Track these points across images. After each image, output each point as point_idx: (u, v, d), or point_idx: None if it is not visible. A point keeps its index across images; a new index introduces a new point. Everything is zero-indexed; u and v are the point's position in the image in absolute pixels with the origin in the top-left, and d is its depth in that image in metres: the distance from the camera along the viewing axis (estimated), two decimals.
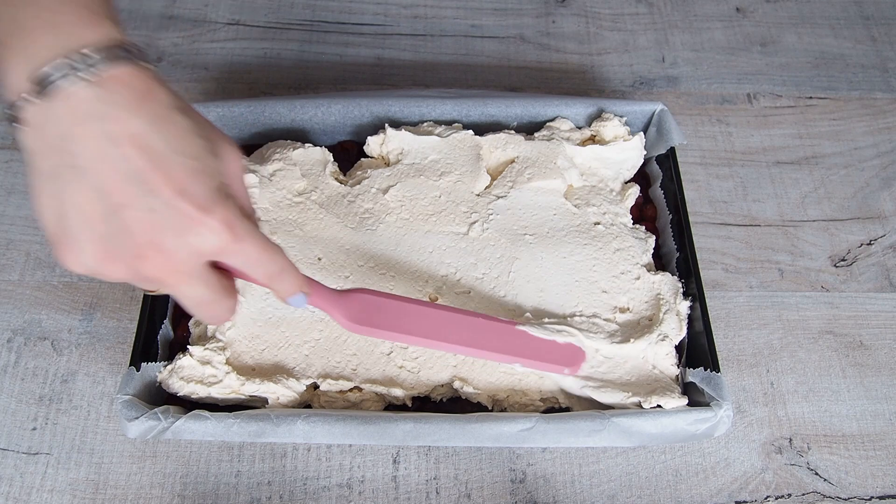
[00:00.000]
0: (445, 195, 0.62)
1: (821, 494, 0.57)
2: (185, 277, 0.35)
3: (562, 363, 0.53)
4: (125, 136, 0.32)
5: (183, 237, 0.33)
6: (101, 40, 0.32)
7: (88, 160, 0.32)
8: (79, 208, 0.32)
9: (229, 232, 0.34)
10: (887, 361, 0.63)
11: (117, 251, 0.33)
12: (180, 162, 0.33)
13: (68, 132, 0.32)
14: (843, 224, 0.70)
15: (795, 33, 0.83)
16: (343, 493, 0.56)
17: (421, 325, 0.51)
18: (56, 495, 0.55)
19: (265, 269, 0.38)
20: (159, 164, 0.32)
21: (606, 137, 0.64)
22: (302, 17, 0.82)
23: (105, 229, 0.33)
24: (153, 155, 0.32)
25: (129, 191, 0.32)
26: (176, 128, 0.33)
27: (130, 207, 0.32)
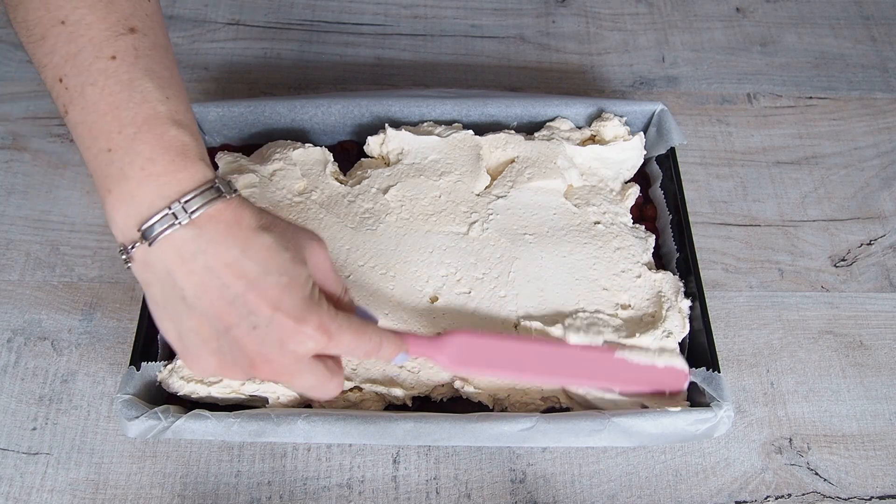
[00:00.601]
0: (445, 195, 0.62)
1: (821, 494, 0.57)
2: (293, 375, 0.39)
3: (662, 386, 0.53)
4: (222, 266, 0.36)
5: (285, 347, 0.38)
6: (196, 184, 0.36)
7: (193, 292, 0.36)
8: (194, 331, 0.37)
9: (324, 335, 0.38)
10: (887, 361, 0.63)
11: (232, 361, 0.38)
12: (272, 281, 0.37)
13: (173, 269, 0.36)
14: (843, 224, 0.70)
15: (795, 33, 0.83)
16: (343, 493, 0.56)
17: (519, 359, 0.51)
18: (56, 495, 0.55)
19: (363, 350, 0.42)
20: (254, 286, 0.36)
21: (606, 137, 0.64)
22: (302, 17, 0.82)
23: (218, 346, 0.38)
24: (248, 279, 0.36)
25: (232, 313, 0.36)
26: (264, 247, 0.37)
27: (236, 327, 0.37)
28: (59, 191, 0.69)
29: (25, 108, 0.73)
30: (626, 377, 0.52)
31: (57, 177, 0.69)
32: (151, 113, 0.35)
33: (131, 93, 0.35)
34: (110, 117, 0.35)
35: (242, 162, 0.62)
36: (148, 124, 0.35)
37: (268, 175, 0.61)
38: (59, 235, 0.66)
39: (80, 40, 0.35)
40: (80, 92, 0.35)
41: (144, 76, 0.36)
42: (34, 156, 0.71)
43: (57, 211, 0.68)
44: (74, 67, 0.35)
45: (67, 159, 0.70)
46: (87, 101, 0.35)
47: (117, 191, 0.35)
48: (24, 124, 0.72)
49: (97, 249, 0.66)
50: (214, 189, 0.36)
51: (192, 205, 0.35)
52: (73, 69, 0.35)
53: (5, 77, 0.75)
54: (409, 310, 0.57)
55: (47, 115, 0.73)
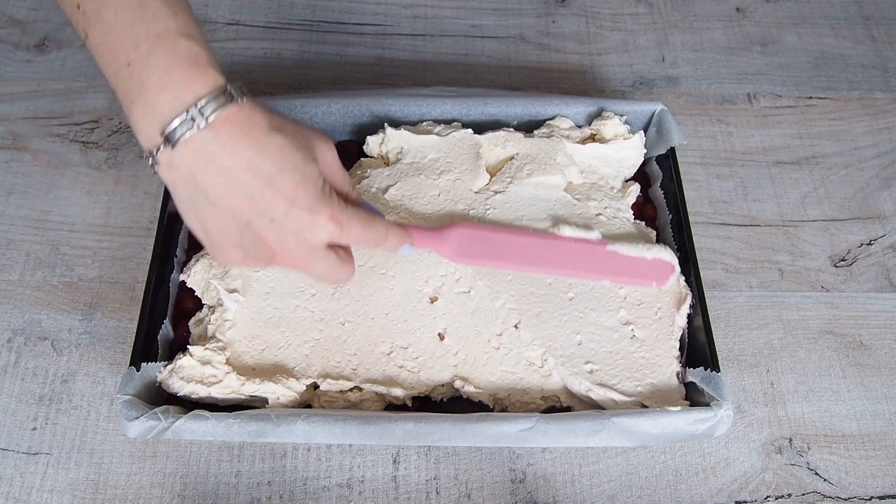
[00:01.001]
0: (445, 193, 0.62)
1: (821, 494, 0.57)
2: (309, 263, 0.44)
3: (651, 277, 0.56)
4: (239, 167, 0.39)
5: (301, 237, 0.42)
6: (210, 89, 0.38)
7: (214, 191, 0.39)
8: (218, 227, 0.41)
9: (336, 225, 0.42)
10: (887, 361, 0.63)
11: (254, 253, 0.42)
12: (287, 178, 0.40)
13: (195, 171, 0.39)
14: (843, 224, 0.70)
15: (795, 33, 0.83)
16: (343, 493, 0.56)
17: (518, 252, 0.55)
18: (56, 495, 0.55)
19: (371, 239, 0.46)
20: (270, 184, 0.40)
21: (607, 136, 0.64)
22: (302, 17, 0.82)
23: (241, 239, 0.41)
24: (263, 176, 0.39)
25: (252, 209, 0.40)
26: (277, 147, 0.40)
27: (256, 222, 0.41)
28: (59, 191, 0.69)
29: (25, 108, 0.73)
30: (617, 269, 0.56)
31: (57, 177, 0.69)
32: (162, 28, 0.38)
33: (143, 11, 0.38)
34: (126, 35, 0.38)
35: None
36: (160, 38, 0.38)
37: None
38: (59, 235, 0.66)
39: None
40: (97, 15, 0.38)
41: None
42: (34, 156, 0.71)
43: (57, 211, 0.68)
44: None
45: (67, 159, 0.70)
46: (104, 23, 0.38)
47: (139, 101, 0.38)
48: (24, 124, 0.72)
49: (97, 249, 0.66)
50: (227, 94, 0.38)
51: (208, 108, 0.38)
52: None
53: (5, 77, 0.75)
54: (409, 309, 0.57)
55: (47, 115, 0.73)
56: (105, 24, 0.38)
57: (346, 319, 0.56)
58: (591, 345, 0.56)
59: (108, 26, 0.38)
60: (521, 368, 0.55)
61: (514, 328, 0.56)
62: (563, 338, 0.56)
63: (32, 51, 0.77)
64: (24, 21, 0.79)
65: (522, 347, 0.55)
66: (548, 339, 0.56)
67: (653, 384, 0.54)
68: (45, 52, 0.77)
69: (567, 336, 0.56)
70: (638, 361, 0.55)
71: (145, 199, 0.68)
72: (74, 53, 0.77)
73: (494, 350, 0.55)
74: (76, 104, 0.74)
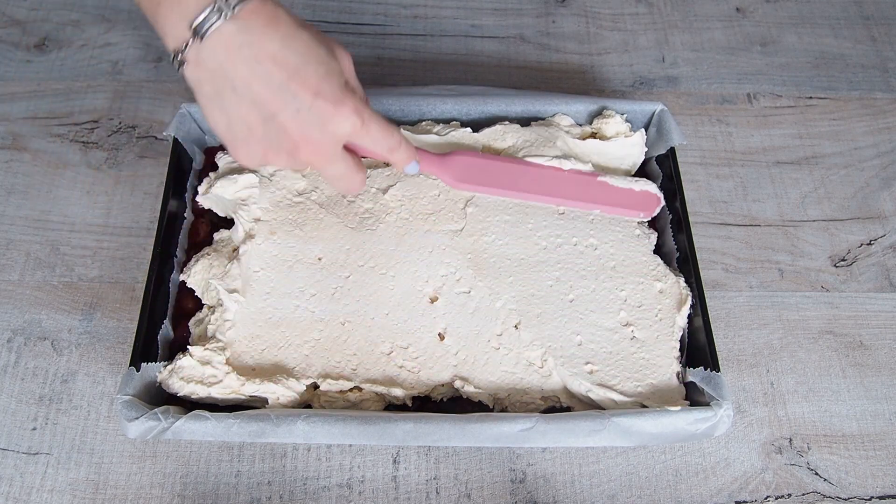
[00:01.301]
0: (444, 194, 0.62)
1: (821, 494, 0.57)
2: (330, 159, 0.45)
3: (638, 208, 0.60)
4: (266, 57, 0.41)
5: (325, 127, 0.43)
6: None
7: (242, 82, 0.41)
8: (241, 118, 0.42)
9: (358, 117, 0.43)
10: (887, 361, 0.63)
11: (277, 146, 0.43)
12: (312, 70, 0.42)
13: (223, 62, 0.40)
14: (843, 224, 0.70)
15: (795, 33, 0.83)
16: (343, 493, 0.56)
17: (514, 179, 0.59)
18: (56, 495, 0.55)
19: (387, 143, 0.47)
20: (296, 74, 0.41)
21: (608, 134, 0.64)
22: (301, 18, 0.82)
23: (264, 131, 0.43)
24: (289, 67, 0.41)
25: (277, 99, 0.41)
26: (302, 42, 0.42)
27: (281, 112, 0.42)
28: (59, 191, 0.69)
29: (25, 108, 0.73)
30: (607, 198, 0.60)
31: (57, 177, 0.69)
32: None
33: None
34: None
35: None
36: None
37: (268, 175, 0.61)
38: (59, 235, 0.66)
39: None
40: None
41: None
42: (34, 156, 0.71)
43: (57, 211, 0.68)
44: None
45: (67, 159, 0.70)
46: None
47: (166, 2, 0.40)
48: (24, 124, 0.72)
49: (97, 249, 0.66)
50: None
51: (232, 1, 0.39)
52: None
53: (5, 77, 0.75)
54: (409, 309, 0.57)
55: (47, 115, 0.73)
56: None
57: (346, 319, 0.56)
58: (591, 345, 0.56)
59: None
60: (520, 369, 0.55)
61: (514, 328, 0.56)
62: (563, 338, 0.56)
63: (32, 51, 0.77)
64: (24, 21, 0.79)
65: (522, 348, 0.55)
66: (548, 339, 0.56)
67: (653, 384, 0.54)
68: (45, 52, 0.77)
69: (567, 337, 0.56)
70: (638, 362, 0.55)
71: (145, 199, 0.68)
72: (74, 53, 0.77)
73: (494, 350, 0.55)
74: (76, 104, 0.74)
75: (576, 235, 0.60)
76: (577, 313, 0.57)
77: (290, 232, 0.59)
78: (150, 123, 0.73)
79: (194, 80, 0.42)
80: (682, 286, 0.58)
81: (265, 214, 0.60)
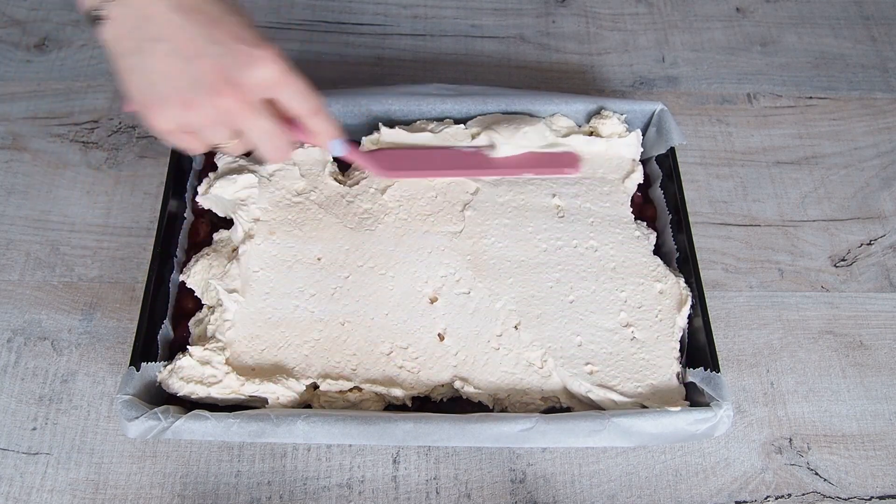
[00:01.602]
0: (441, 196, 0.62)
1: (821, 494, 0.57)
2: (252, 108, 0.45)
3: (563, 166, 0.62)
4: (188, 6, 0.42)
5: (248, 69, 0.43)
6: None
7: (163, 30, 0.42)
8: (162, 69, 0.43)
9: (282, 63, 0.44)
10: (887, 361, 0.63)
11: (198, 94, 0.43)
12: (234, 20, 0.44)
13: (145, 13, 0.42)
14: (843, 224, 0.70)
15: (795, 33, 0.83)
16: (343, 493, 0.56)
17: (441, 162, 0.61)
18: (56, 495, 0.55)
19: (311, 102, 0.47)
20: (218, 23, 0.43)
21: (603, 134, 0.64)
22: (302, 17, 0.82)
23: (186, 80, 0.43)
24: (212, 16, 0.43)
25: (198, 45, 0.42)
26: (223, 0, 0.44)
27: (202, 56, 0.42)
28: (59, 191, 0.69)
29: (25, 108, 0.73)
30: (532, 162, 0.62)
31: (57, 177, 0.69)
32: None
33: None
34: None
35: (242, 162, 0.62)
36: None
37: (267, 175, 0.61)
38: (59, 235, 0.66)
39: None
40: None
41: None
42: (34, 156, 0.71)
43: (57, 211, 0.68)
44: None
45: (67, 159, 0.70)
46: None
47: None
48: (24, 124, 0.72)
49: (97, 249, 0.66)
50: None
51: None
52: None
53: (5, 77, 0.75)
54: (409, 310, 0.57)
55: (47, 115, 0.73)
56: None
57: (346, 319, 0.56)
58: (592, 346, 0.56)
59: None
60: (520, 369, 0.55)
61: (513, 329, 0.56)
62: (563, 339, 0.56)
63: (32, 51, 0.77)
64: (24, 21, 0.79)
65: (522, 348, 0.55)
66: (548, 340, 0.56)
67: (653, 385, 0.54)
68: (45, 52, 0.77)
69: (567, 338, 0.56)
70: (638, 362, 0.55)
71: (145, 199, 0.68)
72: (74, 53, 0.77)
73: (494, 351, 0.55)
74: (76, 104, 0.74)
75: (576, 238, 0.60)
76: (578, 314, 0.57)
77: (290, 232, 0.59)
78: None
79: (113, 37, 0.43)
80: (682, 286, 0.58)
81: (264, 214, 0.60)
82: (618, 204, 0.62)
